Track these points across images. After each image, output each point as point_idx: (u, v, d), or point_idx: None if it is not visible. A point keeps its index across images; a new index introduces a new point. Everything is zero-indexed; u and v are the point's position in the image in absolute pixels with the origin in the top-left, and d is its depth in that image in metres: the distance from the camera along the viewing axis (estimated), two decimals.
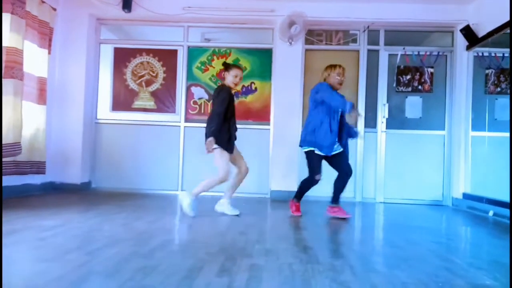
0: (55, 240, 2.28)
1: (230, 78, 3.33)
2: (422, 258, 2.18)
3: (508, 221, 3.61)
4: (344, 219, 3.41)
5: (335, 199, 3.46)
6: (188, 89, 5.06)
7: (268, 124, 4.95)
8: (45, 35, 4.33)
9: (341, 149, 3.37)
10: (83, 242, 2.25)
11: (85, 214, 3.17)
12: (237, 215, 3.30)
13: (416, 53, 4.89)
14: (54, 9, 4.52)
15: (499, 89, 4.53)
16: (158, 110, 5.08)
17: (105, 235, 2.45)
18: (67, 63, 4.80)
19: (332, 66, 3.43)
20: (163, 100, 5.07)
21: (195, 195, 3.21)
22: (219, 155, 3.20)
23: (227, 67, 3.38)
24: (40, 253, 2.00)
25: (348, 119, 3.24)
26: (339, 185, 3.42)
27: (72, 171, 4.77)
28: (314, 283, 1.69)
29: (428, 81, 4.90)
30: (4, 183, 3.72)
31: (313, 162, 3.35)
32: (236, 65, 3.49)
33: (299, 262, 2.00)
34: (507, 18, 3.81)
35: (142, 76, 5.11)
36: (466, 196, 4.51)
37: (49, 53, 4.41)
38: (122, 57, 5.12)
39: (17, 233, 2.41)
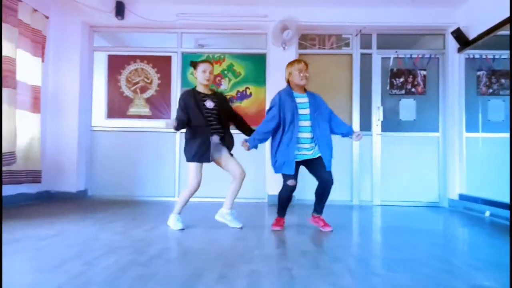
0: (51, 250, 2.26)
1: (199, 76, 3.06)
2: (421, 261, 2.19)
3: (504, 222, 3.63)
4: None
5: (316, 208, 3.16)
6: None
7: None
8: (38, 43, 4.31)
9: (319, 154, 2.95)
10: (80, 252, 2.22)
11: (82, 223, 3.14)
12: (240, 228, 3.10)
13: (409, 56, 4.93)
14: (47, 17, 4.51)
15: (491, 90, 4.59)
16: (153, 116, 5.06)
17: (103, 244, 2.43)
18: (60, 71, 4.78)
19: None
20: (158, 107, 5.06)
21: (177, 212, 3.11)
22: (190, 165, 3.07)
23: (194, 66, 3.10)
24: (36, 263, 1.98)
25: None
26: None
27: (68, 179, 4.73)
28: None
29: (421, 83, 4.94)
30: None
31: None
32: (202, 60, 3.13)
33: (298, 267, 1.99)
34: (497, 21, 3.86)
35: (137, 83, 5.10)
36: (462, 197, 4.53)
37: (42, 61, 4.39)
38: (116, 64, 5.10)
39: (14, 243, 2.38)
